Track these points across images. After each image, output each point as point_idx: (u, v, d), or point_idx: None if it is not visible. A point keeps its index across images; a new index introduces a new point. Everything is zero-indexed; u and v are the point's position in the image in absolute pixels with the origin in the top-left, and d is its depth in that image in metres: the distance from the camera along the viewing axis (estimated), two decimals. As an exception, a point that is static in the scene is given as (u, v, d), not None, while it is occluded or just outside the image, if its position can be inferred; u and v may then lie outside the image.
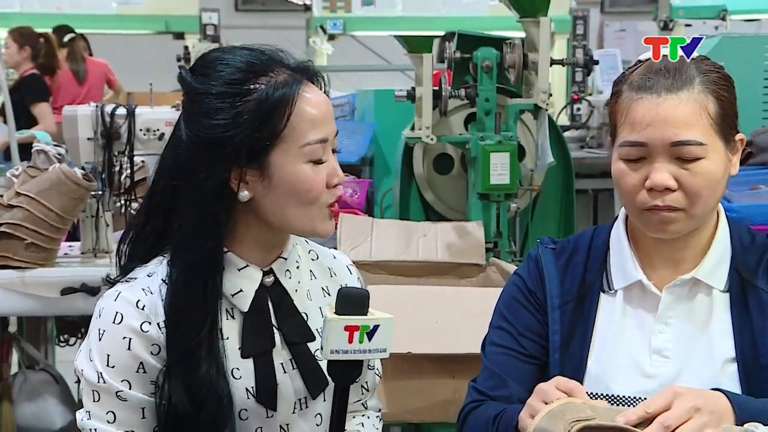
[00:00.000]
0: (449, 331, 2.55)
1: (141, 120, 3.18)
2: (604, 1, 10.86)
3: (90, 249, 3.21)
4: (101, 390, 1.53)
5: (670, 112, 1.54)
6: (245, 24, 9.67)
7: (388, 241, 3.00)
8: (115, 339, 1.52)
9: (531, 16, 3.49)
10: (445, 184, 3.68)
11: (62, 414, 3.26)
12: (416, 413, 2.59)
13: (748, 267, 1.62)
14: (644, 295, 1.63)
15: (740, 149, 1.64)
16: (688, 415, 1.38)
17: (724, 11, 6.78)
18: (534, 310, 1.67)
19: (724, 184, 1.60)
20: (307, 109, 1.53)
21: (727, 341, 1.59)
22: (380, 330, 1.43)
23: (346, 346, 1.43)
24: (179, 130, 1.56)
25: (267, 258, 1.60)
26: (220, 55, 1.57)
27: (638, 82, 1.58)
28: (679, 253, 1.62)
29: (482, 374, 1.69)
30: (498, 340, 1.68)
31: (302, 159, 1.53)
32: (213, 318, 1.53)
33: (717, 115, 1.56)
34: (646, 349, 1.61)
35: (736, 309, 1.60)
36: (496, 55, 3.44)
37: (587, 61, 3.96)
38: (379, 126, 4.30)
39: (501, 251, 3.33)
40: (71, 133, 3.20)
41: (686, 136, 1.54)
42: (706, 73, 1.58)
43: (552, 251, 1.70)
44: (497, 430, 1.57)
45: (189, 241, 1.53)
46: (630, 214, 1.63)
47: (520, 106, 3.49)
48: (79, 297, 2.96)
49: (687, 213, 1.57)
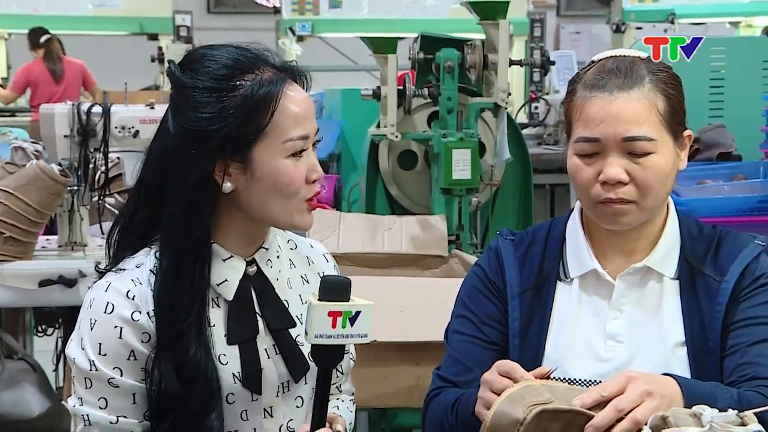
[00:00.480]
0: (413, 320, 2.54)
1: (116, 118, 3.16)
2: (560, 5, 10.91)
3: (67, 242, 3.18)
4: (93, 377, 1.52)
5: (622, 109, 1.55)
6: (217, 26, 9.61)
7: (354, 234, 2.99)
8: (106, 328, 1.51)
9: (491, 19, 3.50)
10: (410, 180, 3.68)
11: (40, 401, 3.23)
12: (382, 399, 2.59)
13: (696, 256, 1.63)
14: (599, 283, 1.63)
15: (688, 145, 1.65)
16: (641, 399, 1.38)
17: (673, 15, 6.83)
18: (494, 299, 1.67)
19: (674, 178, 1.61)
20: (290, 107, 1.54)
21: (677, 326, 1.60)
22: (362, 316, 1.43)
23: (330, 331, 1.43)
24: (167, 122, 1.56)
25: (250, 249, 1.60)
26: (208, 51, 1.57)
27: (591, 81, 1.58)
28: (631, 243, 1.63)
29: (446, 362, 1.69)
30: (460, 328, 1.68)
31: (284, 154, 1.53)
32: (201, 302, 1.53)
33: (666, 112, 1.57)
34: (601, 335, 1.61)
35: (685, 295, 1.61)
36: (457, 56, 3.45)
37: (544, 62, 3.98)
38: (346, 124, 4.29)
39: (463, 243, 3.34)
40: (48, 131, 3.18)
41: (637, 131, 1.55)
42: (655, 72, 1.59)
43: (511, 242, 1.70)
44: (457, 416, 1.57)
45: (177, 230, 1.53)
46: (585, 206, 1.64)
47: (480, 104, 3.50)
48: (56, 289, 2.94)
49: (638, 205, 1.57)
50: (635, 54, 1.62)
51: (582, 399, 1.38)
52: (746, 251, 1.61)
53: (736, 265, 1.60)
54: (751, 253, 1.61)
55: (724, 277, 1.60)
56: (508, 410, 1.35)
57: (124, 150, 3.23)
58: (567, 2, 11.03)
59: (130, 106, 3.24)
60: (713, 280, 1.60)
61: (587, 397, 1.38)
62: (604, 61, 1.61)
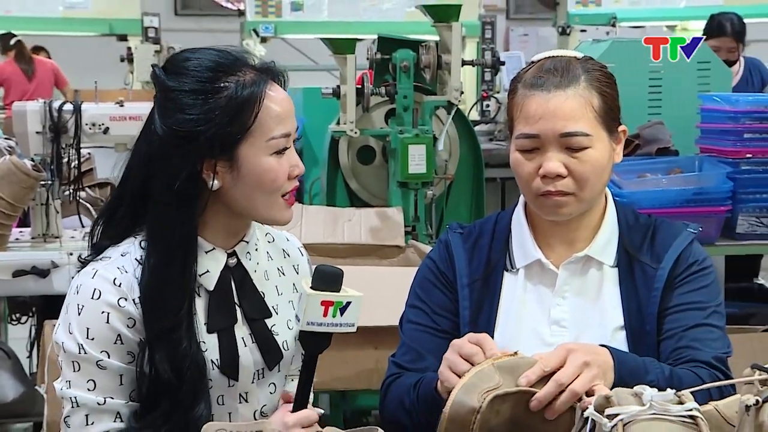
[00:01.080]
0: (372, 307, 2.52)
1: (87, 115, 3.15)
2: (509, 9, 10.95)
3: (40, 234, 3.16)
4: (82, 360, 1.51)
5: (559, 106, 1.56)
6: (184, 27, 9.53)
7: (316, 225, 2.99)
8: (94, 313, 1.51)
9: (444, 22, 3.52)
10: (368, 174, 3.69)
11: (14, 387, 3.20)
12: (343, 381, 2.59)
13: (633, 244, 1.65)
14: (543, 272, 1.65)
15: (623, 139, 1.66)
16: (579, 371, 1.40)
17: (614, 19, 6.88)
18: (445, 290, 1.68)
19: (610, 170, 1.63)
20: (272, 107, 1.54)
21: (616, 311, 1.62)
22: (351, 306, 1.44)
23: (321, 320, 1.43)
24: (153, 123, 1.55)
25: (231, 241, 1.60)
26: (190, 55, 1.56)
27: (531, 80, 1.59)
28: (572, 234, 1.65)
29: (400, 349, 1.69)
30: (414, 318, 1.69)
31: (268, 152, 1.54)
32: (190, 297, 1.53)
33: (601, 109, 1.59)
34: (546, 321, 1.63)
35: (623, 282, 1.63)
36: (413, 57, 3.46)
37: (494, 62, 4.01)
38: (308, 121, 4.28)
39: (419, 234, 3.36)
40: (21, 128, 3.16)
41: (573, 127, 1.56)
42: (590, 71, 1.60)
43: (460, 235, 1.70)
44: (418, 393, 1.58)
45: (167, 227, 1.52)
46: (527, 199, 1.65)
47: (434, 102, 3.52)
48: (29, 279, 2.92)
49: (577, 197, 1.59)
50: (572, 54, 1.63)
51: (527, 377, 1.40)
52: (680, 239, 1.64)
53: (670, 252, 1.62)
54: (684, 240, 1.64)
55: (659, 264, 1.62)
56: (465, 400, 1.36)
57: (95, 146, 3.22)
58: (516, 6, 11.08)
59: (101, 103, 3.23)
60: (649, 267, 1.62)
61: (531, 374, 1.40)
62: (543, 61, 1.62)
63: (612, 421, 1.18)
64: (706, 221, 2.94)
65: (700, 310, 1.60)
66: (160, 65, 1.59)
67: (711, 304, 1.61)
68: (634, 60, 3.40)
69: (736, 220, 3.02)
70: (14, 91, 7.30)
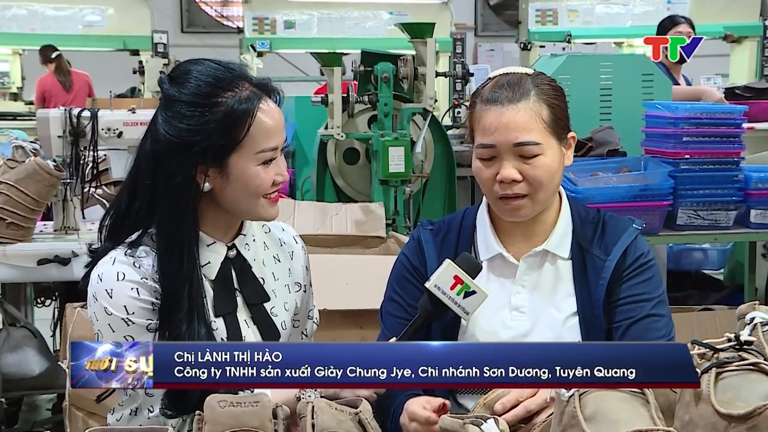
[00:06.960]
0: (357, 291, 2.54)
1: (103, 121, 3.13)
2: (477, 27, 10.95)
3: (61, 227, 3.16)
4: (131, 331, 1.49)
5: (512, 119, 1.54)
6: (189, 43, 9.47)
7: (306, 218, 2.98)
8: (124, 292, 1.49)
9: (420, 38, 3.51)
10: (353, 173, 3.68)
11: (39, 363, 3.19)
12: (331, 356, 2.57)
13: (585, 238, 1.63)
14: (504, 264, 1.63)
15: (573, 144, 1.65)
16: None
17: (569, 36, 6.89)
18: (418, 284, 1.64)
19: (561, 173, 1.62)
20: (264, 120, 1.51)
21: (570, 299, 1.61)
22: (475, 297, 1.45)
23: (447, 290, 1.44)
24: (156, 124, 1.53)
25: (229, 235, 1.59)
26: (194, 67, 1.53)
27: (487, 95, 1.57)
28: (531, 229, 1.63)
29: (381, 338, 1.68)
30: (392, 310, 1.67)
31: (256, 162, 1.52)
32: (197, 285, 1.51)
33: (550, 120, 1.57)
34: (507, 307, 1.62)
35: (577, 273, 1.62)
36: (392, 69, 3.46)
37: (464, 74, 4.01)
38: (299, 125, 4.27)
39: (398, 226, 3.35)
40: (44, 132, 3.14)
41: (525, 137, 1.55)
42: (540, 85, 1.58)
43: (430, 231, 1.68)
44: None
45: (169, 223, 1.51)
46: (489, 201, 1.64)
47: (412, 109, 3.51)
48: (52, 266, 2.91)
49: (532, 199, 1.58)
50: (523, 71, 1.61)
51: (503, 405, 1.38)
52: (626, 234, 1.63)
53: (618, 246, 1.61)
54: (630, 235, 1.63)
55: (608, 256, 1.61)
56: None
57: (110, 148, 3.21)
58: (483, 25, 11.08)
59: (115, 110, 3.20)
60: (599, 258, 1.61)
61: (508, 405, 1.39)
62: (498, 78, 1.60)
63: (569, 391, 1.17)
64: (650, 214, 2.95)
65: (647, 302, 1.59)
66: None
67: (655, 295, 1.60)
68: (587, 72, 3.40)
69: (677, 213, 3.03)
70: (55, 101, 7.23)
